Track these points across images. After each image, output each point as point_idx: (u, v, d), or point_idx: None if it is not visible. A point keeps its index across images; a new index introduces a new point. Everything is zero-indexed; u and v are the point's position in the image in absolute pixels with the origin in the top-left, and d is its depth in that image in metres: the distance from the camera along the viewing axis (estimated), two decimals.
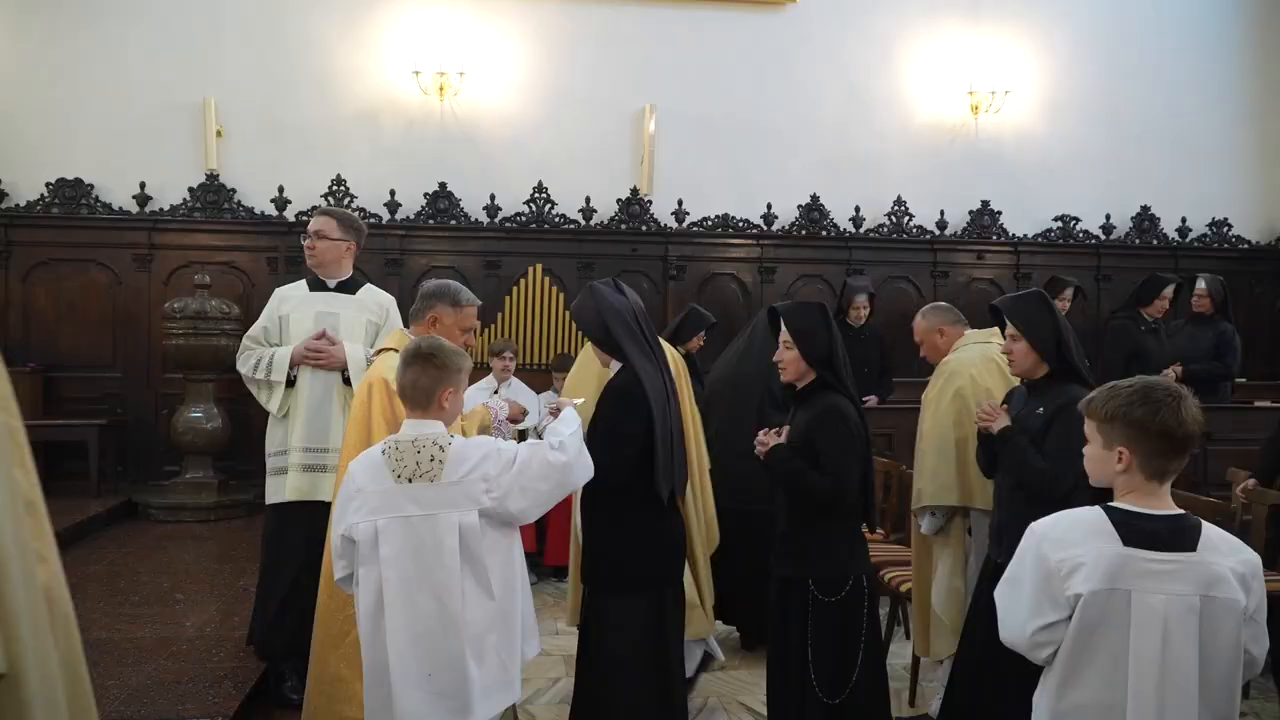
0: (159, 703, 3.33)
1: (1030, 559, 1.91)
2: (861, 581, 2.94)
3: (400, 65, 7.63)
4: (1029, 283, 8.23)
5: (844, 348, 3.05)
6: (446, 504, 2.40)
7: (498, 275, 7.54)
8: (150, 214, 7.39)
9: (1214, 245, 8.52)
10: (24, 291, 7.29)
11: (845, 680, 2.88)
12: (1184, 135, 8.55)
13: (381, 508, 2.41)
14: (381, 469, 2.43)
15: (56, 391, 7.23)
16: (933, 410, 3.65)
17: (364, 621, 2.44)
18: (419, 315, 3.15)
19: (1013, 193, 8.29)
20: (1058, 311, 3.08)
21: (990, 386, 3.55)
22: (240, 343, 3.86)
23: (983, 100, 8.13)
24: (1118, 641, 1.81)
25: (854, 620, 2.91)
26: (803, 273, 8.05)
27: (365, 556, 2.42)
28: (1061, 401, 2.91)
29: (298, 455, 3.67)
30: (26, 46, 7.38)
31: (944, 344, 3.86)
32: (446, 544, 2.39)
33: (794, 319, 3.03)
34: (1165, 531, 1.83)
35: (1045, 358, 3.01)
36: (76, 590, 4.72)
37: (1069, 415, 2.83)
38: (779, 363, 3.08)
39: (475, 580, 2.42)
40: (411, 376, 2.48)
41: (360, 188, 7.57)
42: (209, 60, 7.49)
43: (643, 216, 7.85)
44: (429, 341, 2.54)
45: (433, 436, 2.45)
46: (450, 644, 2.38)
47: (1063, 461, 2.83)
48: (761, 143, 8.05)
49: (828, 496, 2.88)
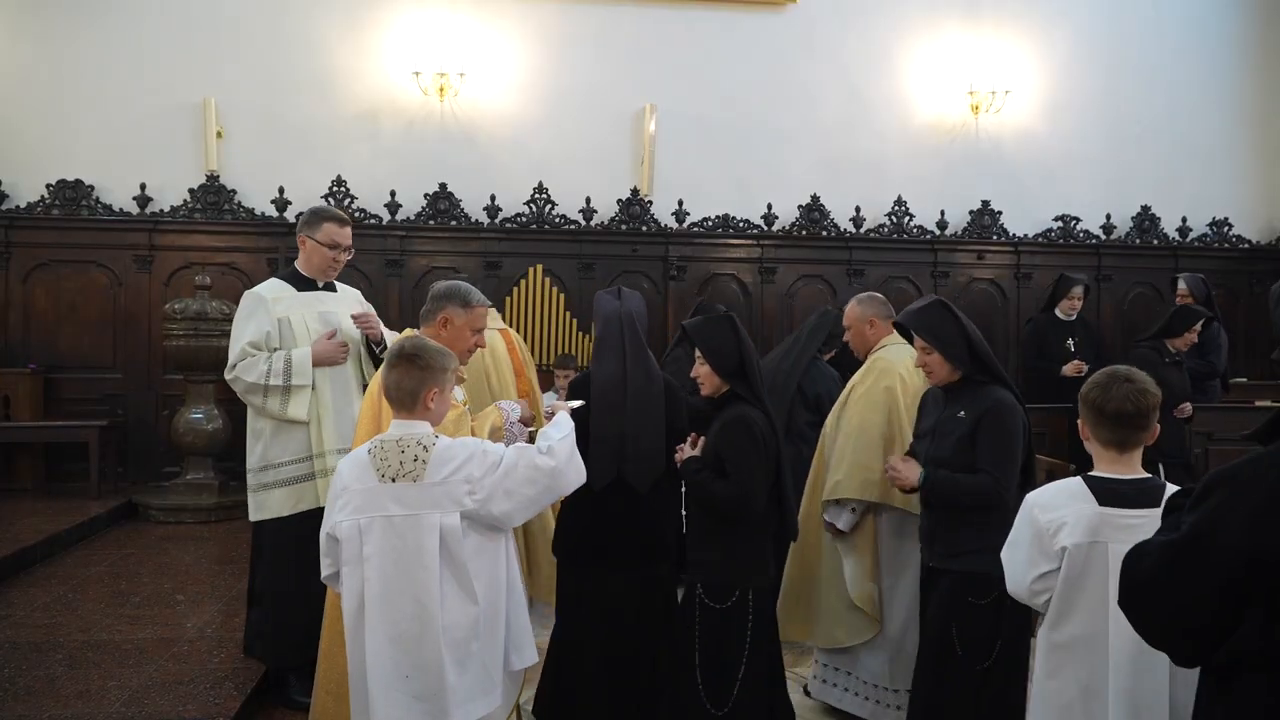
0: (160, 704, 3.33)
1: (1024, 522, 2.32)
2: (747, 595, 2.90)
3: (400, 66, 7.62)
4: (1030, 283, 8.25)
5: (757, 357, 3.04)
6: (428, 504, 2.40)
7: (498, 276, 7.53)
8: (150, 215, 7.39)
9: (1214, 245, 8.52)
10: (24, 293, 7.28)
11: (730, 692, 2.87)
12: (1184, 135, 8.55)
13: (365, 506, 2.41)
14: (367, 468, 2.43)
15: (57, 392, 7.22)
16: (861, 405, 3.61)
17: (348, 620, 2.44)
18: (430, 316, 3.16)
19: (1013, 193, 8.29)
20: (961, 315, 3.06)
21: (919, 387, 3.53)
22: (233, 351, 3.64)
23: (983, 100, 8.13)
24: (1098, 584, 2.18)
25: (738, 632, 2.89)
26: (803, 273, 8.05)
27: (349, 555, 2.42)
28: (986, 405, 2.91)
29: (335, 459, 3.51)
30: (26, 48, 7.38)
31: (872, 336, 3.86)
32: (427, 545, 2.38)
33: (702, 335, 3.03)
34: (1133, 492, 2.23)
35: (959, 364, 3.00)
36: (77, 591, 4.76)
37: (995, 419, 2.88)
38: (696, 378, 3.07)
39: (457, 583, 2.41)
40: (396, 377, 2.47)
41: (360, 188, 7.56)
42: (209, 60, 7.49)
43: (643, 217, 7.84)
44: (413, 342, 2.54)
45: (417, 436, 2.44)
46: (428, 646, 2.36)
47: (1000, 466, 2.86)
48: (762, 143, 8.05)
49: (732, 506, 2.87)
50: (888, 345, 3.78)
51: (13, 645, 3.91)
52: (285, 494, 3.57)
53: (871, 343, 3.86)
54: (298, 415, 3.55)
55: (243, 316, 3.65)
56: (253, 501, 3.62)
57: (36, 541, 5.35)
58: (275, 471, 3.57)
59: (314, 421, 3.57)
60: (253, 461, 3.62)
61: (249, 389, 3.54)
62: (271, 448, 3.58)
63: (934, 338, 3.01)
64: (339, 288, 3.87)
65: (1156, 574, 1.56)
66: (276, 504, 3.57)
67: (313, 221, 3.75)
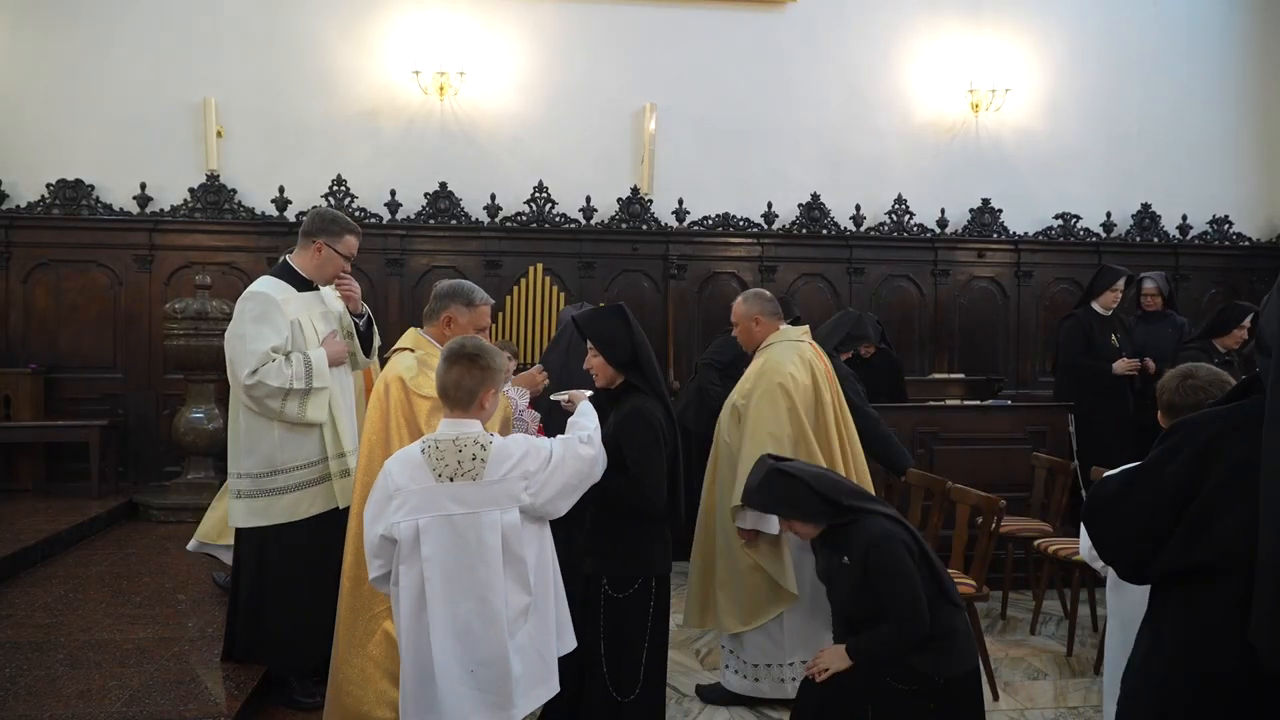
0: (161, 703, 3.33)
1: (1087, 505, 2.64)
2: (650, 582, 2.97)
3: (400, 65, 7.62)
4: (1030, 281, 8.25)
5: (648, 347, 3.04)
6: (488, 502, 2.44)
7: (498, 275, 7.53)
8: (151, 214, 7.39)
9: (1214, 243, 8.52)
10: (25, 292, 7.29)
11: (635, 679, 2.93)
12: (1184, 132, 8.54)
13: (423, 506, 2.43)
14: (422, 468, 2.45)
15: (57, 392, 7.22)
16: (761, 408, 3.70)
17: (405, 619, 2.46)
18: (433, 315, 3.17)
19: (1013, 191, 8.29)
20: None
21: (808, 384, 3.72)
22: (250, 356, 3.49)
23: (983, 98, 8.13)
24: None
25: (639, 619, 2.95)
26: (803, 271, 8.05)
27: (406, 555, 2.44)
28: (863, 547, 2.83)
29: (353, 460, 3.50)
30: (26, 47, 7.38)
31: (759, 333, 3.96)
32: (489, 542, 2.42)
33: (592, 327, 3.03)
34: None
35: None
36: (78, 591, 4.76)
37: (879, 559, 2.79)
38: (590, 370, 3.08)
39: (515, 577, 2.46)
40: (456, 376, 2.48)
41: (360, 188, 7.56)
42: (209, 60, 7.49)
43: (643, 216, 7.84)
44: (474, 342, 2.56)
45: (473, 436, 2.47)
46: (492, 641, 2.41)
47: (901, 610, 2.76)
48: (762, 141, 8.04)
49: (633, 498, 2.89)
50: (774, 343, 3.90)
51: (14, 645, 3.91)
52: (295, 498, 3.50)
53: (759, 339, 3.96)
54: (317, 418, 3.48)
55: (254, 318, 3.48)
56: (250, 506, 3.51)
57: (37, 541, 5.35)
58: (285, 476, 3.49)
59: (328, 423, 3.54)
60: (251, 466, 3.50)
61: (271, 393, 3.41)
62: (282, 451, 3.49)
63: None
64: (324, 288, 3.79)
65: (1117, 492, 1.82)
66: (286, 508, 3.50)
67: (335, 231, 3.64)
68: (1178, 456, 1.70)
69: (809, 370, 3.80)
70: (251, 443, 3.51)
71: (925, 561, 2.89)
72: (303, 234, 3.68)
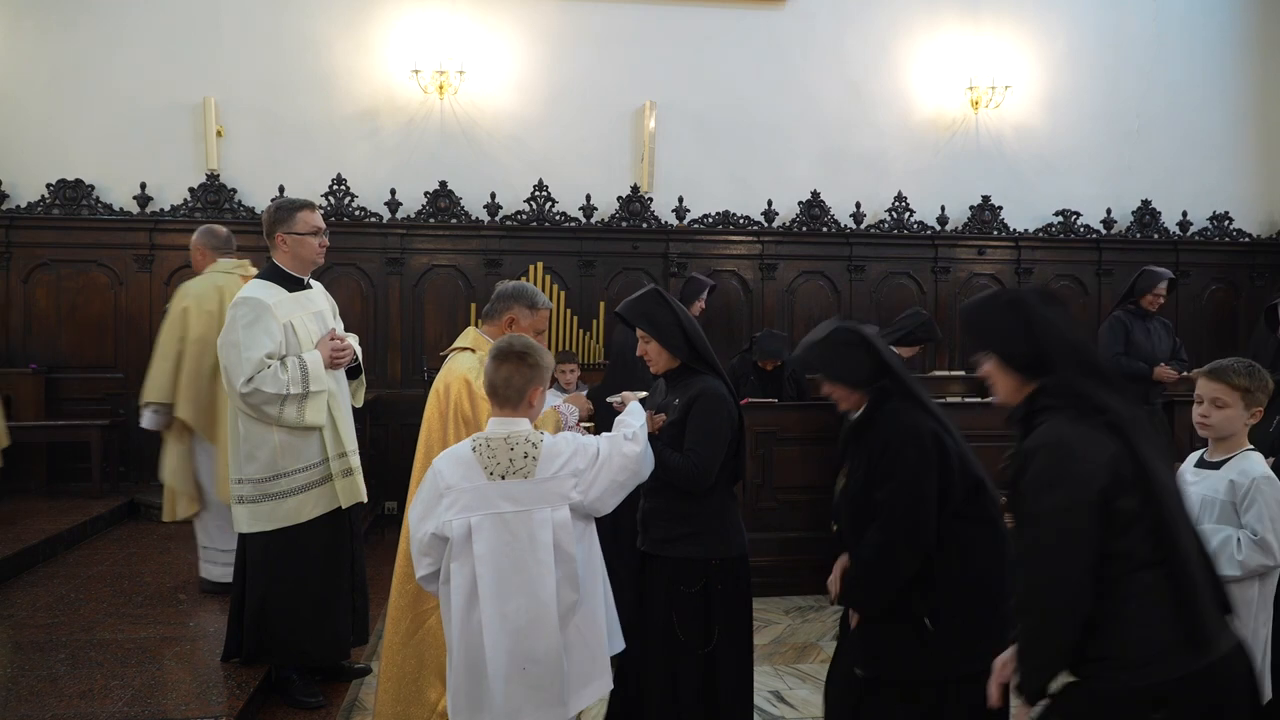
0: (162, 703, 3.34)
1: None
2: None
3: (400, 64, 7.62)
4: (1030, 277, 8.24)
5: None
6: (540, 500, 2.46)
7: (498, 273, 7.53)
8: (151, 214, 7.39)
9: (1215, 239, 8.52)
10: (25, 293, 7.29)
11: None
12: (1184, 129, 8.54)
13: (475, 505, 2.44)
14: (473, 466, 2.46)
15: (58, 392, 7.22)
16: (165, 325, 4.67)
17: (456, 616, 2.47)
18: (495, 315, 3.20)
19: (1013, 188, 8.29)
20: (678, 306, 3.08)
21: (212, 310, 4.52)
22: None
23: (983, 95, 8.12)
24: None
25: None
26: (804, 269, 8.05)
27: (458, 553, 2.45)
28: (694, 393, 2.95)
29: (354, 459, 3.60)
30: (26, 47, 7.37)
31: (200, 263, 4.84)
32: (540, 539, 2.44)
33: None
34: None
35: (676, 352, 3.02)
36: (80, 591, 4.76)
37: (704, 406, 2.92)
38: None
39: (565, 575, 2.47)
40: (505, 374, 2.51)
41: (360, 187, 7.56)
42: (209, 60, 7.49)
43: (643, 214, 7.84)
44: (521, 340, 2.58)
45: (524, 434, 2.49)
46: (545, 638, 2.43)
47: (702, 450, 2.88)
48: (762, 139, 8.04)
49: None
50: (208, 272, 4.75)
51: (15, 645, 3.92)
52: (299, 500, 3.50)
53: (199, 269, 4.86)
54: (316, 421, 3.46)
55: (247, 325, 3.41)
56: (254, 512, 3.50)
57: (39, 541, 5.36)
58: (289, 479, 3.48)
59: (328, 424, 3.53)
60: (253, 471, 3.48)
61: (268, 400, 3.38)
62: (284, 456, 3.47)
63: (652, 326, 3.02)
64: (312, 284, 3.76)
65: None
66: (291, 511, 3.49)
67: (283, 217, 3.58)
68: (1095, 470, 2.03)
69: (217, 296, 4.54)
70: (252, 448, 3.49)
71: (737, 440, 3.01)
72: (266, 238, 3.63)
